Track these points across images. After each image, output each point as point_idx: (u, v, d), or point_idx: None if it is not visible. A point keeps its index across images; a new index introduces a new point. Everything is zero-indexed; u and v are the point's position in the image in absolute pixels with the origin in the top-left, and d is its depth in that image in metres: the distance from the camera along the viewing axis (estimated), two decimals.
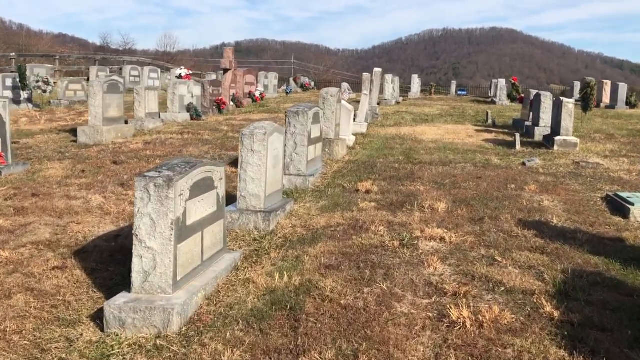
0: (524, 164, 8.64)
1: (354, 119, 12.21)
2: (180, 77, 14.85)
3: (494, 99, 23.58)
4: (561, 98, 9.88)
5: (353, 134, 11.44)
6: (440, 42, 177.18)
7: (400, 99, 22.84)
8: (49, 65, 24.47)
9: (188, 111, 13.91)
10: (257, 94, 19.84)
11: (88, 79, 25.14)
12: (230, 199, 5.59)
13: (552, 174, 7.76)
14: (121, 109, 11.04)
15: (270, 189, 5.49)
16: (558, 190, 6.72)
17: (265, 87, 24.82)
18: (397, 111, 17.72)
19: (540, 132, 11.10)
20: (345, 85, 27.32)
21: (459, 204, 6.00)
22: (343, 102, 10.42)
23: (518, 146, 10.10)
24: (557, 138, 9.71)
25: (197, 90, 14.47)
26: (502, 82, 23.28)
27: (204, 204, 4.08)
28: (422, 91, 32.78)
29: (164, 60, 55.59)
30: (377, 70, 15.13)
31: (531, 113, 12.46)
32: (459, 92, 33.05)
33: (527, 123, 12.35)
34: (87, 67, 26.91)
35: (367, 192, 6.52)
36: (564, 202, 6.25)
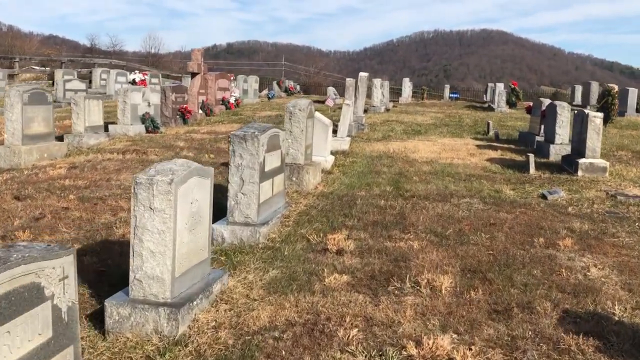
0: (544, 196, 6.79)
1: (335, 133, 10.34)
2: (134, 82, 12.87)
3: (491, 105, 21.80)
4: (585, 111, 8.05)
5: (332, 152, 9.55)
6: (431, 43, 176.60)
7: (391, 104, 20.99)
8: (6, 70, 22.39)
9: (143, 122, 11.94)
10: (232, 100, 17.90)
11: (53, 83, 23.11)
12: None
13: (587, 216, 5.89)
14: (49, 124, 9.07)
15: (184, 265, 3.57)
16: (604, 247, 4.86)
17: (245, 91, 22.92)
18: (386, 120, 15.84)
19: (556, 151, 9.25)
20: (331, 89, 25.46)
21: (470, 277, 4.11)
22: (318, 115, 8.53)
23: (532, 170, 8.25)
24: (581, 161, 7.86)
25: (155, 97, 12.51)
26: (500, 86, 21.48)
27: (16, 337, 2.19)
28: (413, 93, 31.01)
29: (149, 61, 53.54)
30: (363, 74, 13.25)
31: (542, 126, 10.63)
32: (451, 95, 31.35)
33: (538, 138, 10.51)
34: (52, 70, 24.78)
35: (339, 252, 4.61)
36: (617, 269, 4.38)
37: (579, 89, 27.42)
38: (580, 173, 7.83)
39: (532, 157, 8.33)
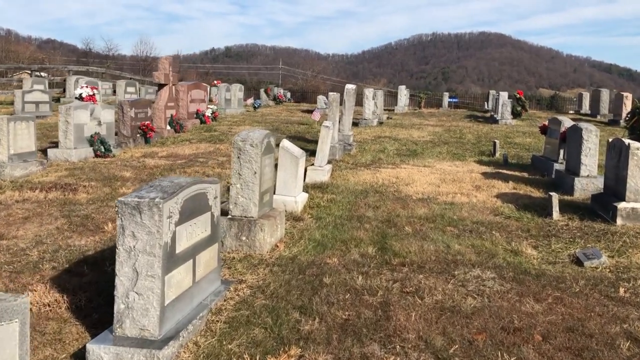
0: (579, 262, 5.05)
1: (313, 155, 8.60)
2: (80, 98, 11.12)
3: (494, 116, 20.08)
4: (625, 141, 6.30)
5: (308, 186, 7.82)
6: (429, 46, 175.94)
7: (384, 116, 19.25)
8: None
9: (91, 145, 10.18)
10: (208, 113, 16.14)
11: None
12: None
13: None
14: None
15: None
16: None
17: (227, 101, 21.16)
18: (378, 136, 14.10)
19: (582, 186, 7.52)
20: (321, 99, 23.70)
21: None
22: (286, 144, 6.79)
23: (555, 214, 6.50)
24: (620, 206, 6.11)
25: (108, 115, 10.75)
26: (504, 95, 19.76)
27: None
28: (411, 97, 29.40)
29: (140, 66, 51.85)
30: (350, 87, 11.52)
31: (561, 150, 8.90)
32: (450, 100, 29.74)
33: (557, 166, 8.77)
34: (19, 79, 23.01)
35: None
36: None
37: (587, 97, 25.76)
38: (619, 222, 6.08)
39: (555, 197, 6.57)
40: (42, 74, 34.15)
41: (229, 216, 5.29)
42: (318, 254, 5.16)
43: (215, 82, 26.40)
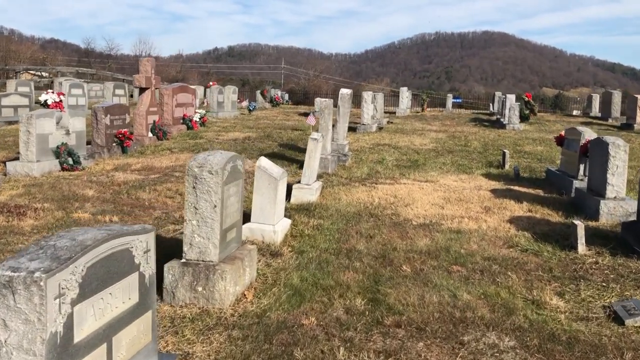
0: (616, 316, 4.04)
1: (303, 175, 7.60)
2: (45, 104, 10.13)
3: (501, 120, 19.04)
4: None
5: (293, 208, 6.82)
6: (432, 45, 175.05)
7: (385, 120, 18.21)
8: None
9: (57, 157, 9.20)
10: (196, 117, 15.14)
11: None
12: None
13: None
14: None
15: None
16: None
17: (220, 104, 20.17)
18: (376, 144, 13.07)
19: (609, 210, 6.48)
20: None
21: None
22: (264, 162, 5.79)
23: (581, 248, 5.48)
24: None
25: (77, 123, 9.77)
26: (511, 98, 18.69)
27: None
28: (413, 96, 28.36)
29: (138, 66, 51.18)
30: (345, 92, 10.50)
31: (582, 165, 7.87)
32: (453, 101, 28.70)
33: (576, 183, 7.73)
34: (2, 80, 22.07)
35: None
36: None
37: (596, 99, 24.70)
38: None
39: (580, 228, 5.54)
40: (44, 74, 33.28)
41: (183, 260, 4.29)
42: (293, 308, 4.15)
43: (211, 83, 25.42)
